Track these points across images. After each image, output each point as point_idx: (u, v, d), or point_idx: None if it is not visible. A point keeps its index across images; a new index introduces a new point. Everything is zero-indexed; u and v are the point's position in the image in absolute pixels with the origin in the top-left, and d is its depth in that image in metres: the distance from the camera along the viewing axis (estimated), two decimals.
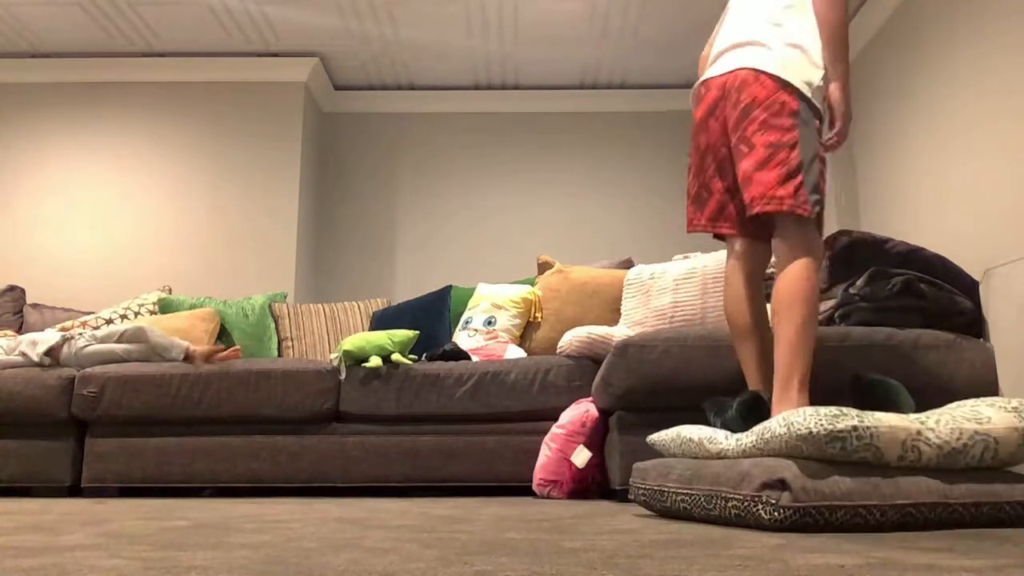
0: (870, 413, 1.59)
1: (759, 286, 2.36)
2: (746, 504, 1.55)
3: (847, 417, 1.56)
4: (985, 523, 1.57)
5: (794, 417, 1.59)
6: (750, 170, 2.20)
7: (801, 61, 2.26)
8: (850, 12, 4.80)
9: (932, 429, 1.60)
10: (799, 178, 2.15)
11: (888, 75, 4.73)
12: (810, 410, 1.60)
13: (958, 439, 1.60)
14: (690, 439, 2.00)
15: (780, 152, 2.17)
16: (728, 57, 2.34)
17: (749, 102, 2.23)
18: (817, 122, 2.23)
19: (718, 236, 2.45)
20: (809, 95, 2.22)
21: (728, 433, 1.91)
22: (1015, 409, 1.67)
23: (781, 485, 1.49)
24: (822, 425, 1.54)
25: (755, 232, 2.33)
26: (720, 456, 1.86)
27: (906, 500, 1.49)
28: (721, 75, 2.33)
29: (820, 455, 1.57)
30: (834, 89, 2.27)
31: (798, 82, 2.22)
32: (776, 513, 1.47)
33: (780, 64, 2.24)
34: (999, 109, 3.61)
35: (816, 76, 2.26)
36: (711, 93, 2.35)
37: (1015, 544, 1.25)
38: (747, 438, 1.76)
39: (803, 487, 1.47)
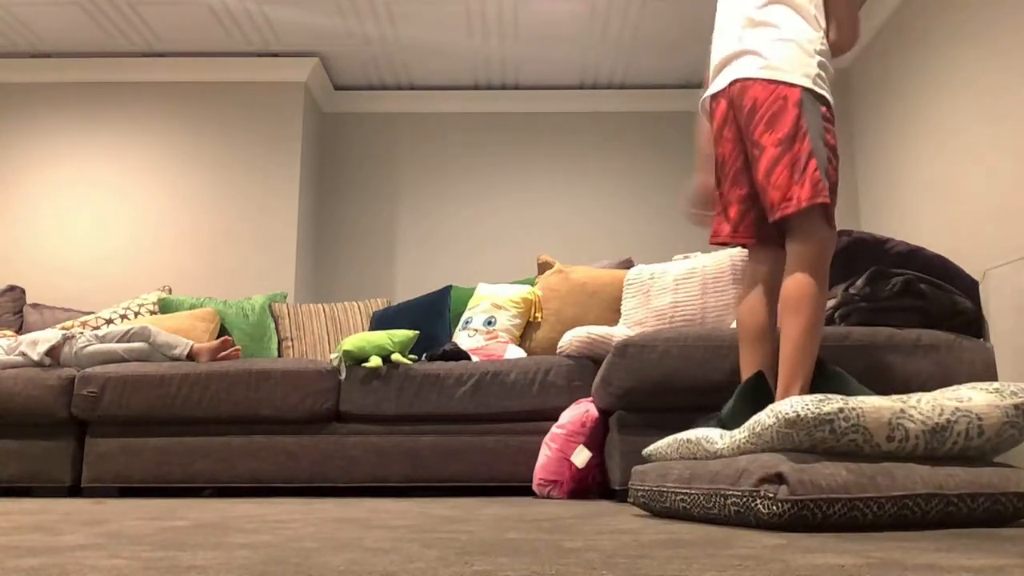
0: (852, 396, 1.62)
1: (776, 295, 2.32)
2: (745, 500, 1.56)
3: (832, 401, 1.58)
4: (982, 516, 1.57)
5: (781, 406, 1.62)
6: (764, 174, 2.19)
7: (795, 54, 2.26)
8: None
9: (914, 407, 1.63)
10: (812, 165, 2.13)
11: (888, 75, 4.73)
12: (795, 398, 1.62)
13: (940, 415, 1.63)
14: (688, 440, 2.01)
15: (792, 146, 2.15)
16: (726, 72, 2.36)
17: (752, 104, 2.24)
18: (824, 108, 2.22)
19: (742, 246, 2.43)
20: (810, 84, 2.22)
21: (723, 432, 1.92)
22: (996, 390, 1.70)
23: (778, 479, 1.50)
24: (809, 409, 1.56)
25: (776, 240, 2.30)
26: (717, 456, 1.86)
27: (902, 492, 1.50)
28: (723, 88, 2.35)
29: (811, 441, 1.58)
30: None
31: (796, 76, 2.22)
32: (774, 507, 1.48)
33: (774, 65, 2.24)
34: (999, 109, 3.60)
35: (813, 64, 2.25)
36: (720, 106, 2.37)
37: (1015, 544, 1.25)
38: (740, 434, 1.77)
39: (800, 480, 1.48)
